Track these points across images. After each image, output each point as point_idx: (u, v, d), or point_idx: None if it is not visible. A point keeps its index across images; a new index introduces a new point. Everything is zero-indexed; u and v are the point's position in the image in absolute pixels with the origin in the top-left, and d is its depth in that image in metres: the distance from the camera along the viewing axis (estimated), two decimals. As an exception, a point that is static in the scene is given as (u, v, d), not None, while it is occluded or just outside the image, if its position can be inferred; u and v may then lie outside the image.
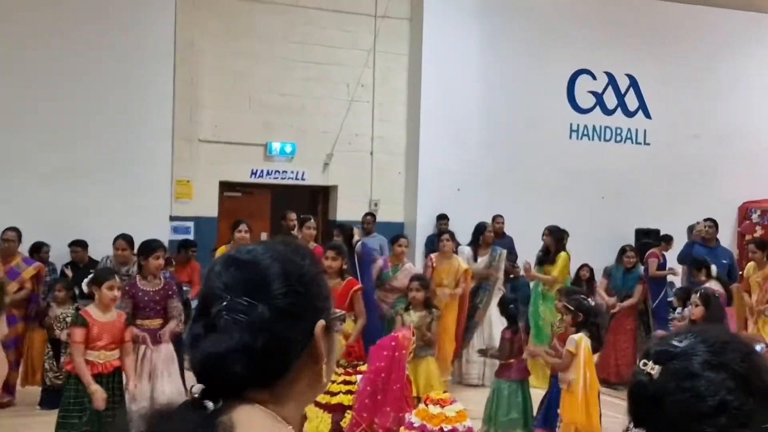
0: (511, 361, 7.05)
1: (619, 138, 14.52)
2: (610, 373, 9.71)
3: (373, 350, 5.65)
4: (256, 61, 12.50)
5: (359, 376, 5.97)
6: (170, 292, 6.73)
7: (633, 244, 12.83)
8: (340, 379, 6.25)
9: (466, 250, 10.32)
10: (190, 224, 12.03)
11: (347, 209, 12.92)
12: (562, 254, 9.93)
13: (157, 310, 6.65)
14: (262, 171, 12.65)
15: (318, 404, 6.14)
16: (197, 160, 12.17)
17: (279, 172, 12.75)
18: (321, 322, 1.49)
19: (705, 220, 11.58)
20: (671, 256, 11.69)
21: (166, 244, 10.21)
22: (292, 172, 12.81)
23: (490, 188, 13.34)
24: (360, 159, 13.18)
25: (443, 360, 9.04)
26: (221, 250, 8.76)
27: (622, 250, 10.53)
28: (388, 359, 5.48)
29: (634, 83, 14.56)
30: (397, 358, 5.47)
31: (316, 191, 13.45)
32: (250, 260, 1.51)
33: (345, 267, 7.02)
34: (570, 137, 14.18)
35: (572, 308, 6.30)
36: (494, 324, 9.48)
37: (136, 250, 7.27)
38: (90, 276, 6.06)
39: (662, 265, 11.25)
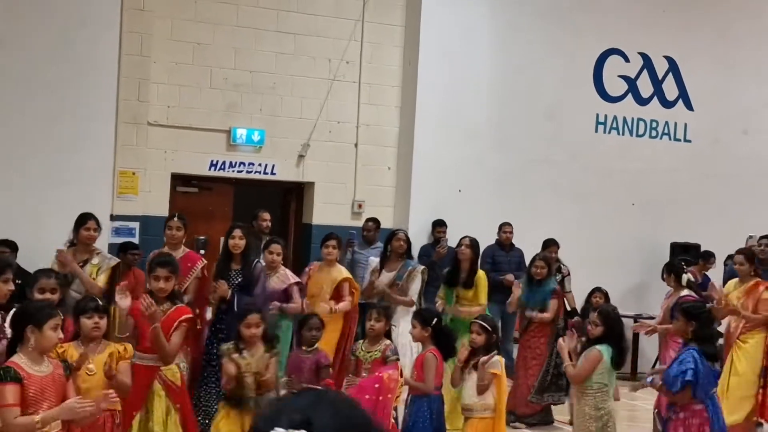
0: None
1: (654, 133, 14.54)
2: (517, 405, 10.07)
3: (354, 393, 5.61)
4: (218, 29, 12.43)
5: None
6: None
7: (669, 260, 12.88)
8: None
9: (373, 263, 10.48)
10: (135, 225, 11.97)
11: (325, 211, 12.92)
12: (481, 274, 10.26)
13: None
14: (223, 163, 12.59)
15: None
16: (145, 148, 12.10)
17: (244, 164, 12.70)
18: None
19: (761, 237, 11.52)
20: (714, 277, 11.71)
21: (105, 247, 10.26)
22: (260, 165, 12.76)
23: (499, 190, 13.36)
24: (342, 151, 13.15)
25: None
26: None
27: (532, 260, 10.69)
28: (371, 404, 5.45)
29: (673, 67, 14.58)
30: (381, 403, 5.44)
31: (288, 189, 13.40)
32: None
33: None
34: (596, 131, 14.21)
35: (489, 328, 7.17)
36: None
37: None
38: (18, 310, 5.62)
39: (701, 286, 11.24)
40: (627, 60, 14.32)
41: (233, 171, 12.69)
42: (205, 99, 12.44)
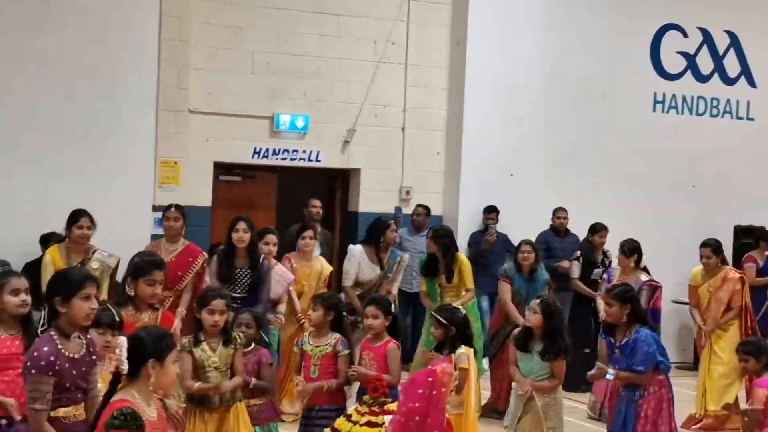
0: None
1: (715, 111, 14.42)
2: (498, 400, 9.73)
3: (406, 387, 5.59)
4: (259, 11, 12.43)
5: (387, 417, 5.93)
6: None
7: (732, 244, 12.73)
8: (364, 420, 6.23)
9: (357, 251, 10.11)
10: (178, 215, 12.01)
11: (372, 199, 12.91)
12: (462, 258, 9.84)
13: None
14: (266, 150, 12.60)
15: (339, 449, 6.13)
16: (186, 137, 12.13)
17: (288, 151, 12.70)
18: None
19: None
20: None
21: (147, 239, 10.30)
22: (305, 151, 12.76)
23: (552, 174, 13.30)
24: (388, 136, 13.12)
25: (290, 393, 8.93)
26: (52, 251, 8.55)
27: (517, 246, 10.24)
28: (424, 399, 5.42)
29: (735, 42, 14.44)
30: (434, 398, 5.41)
31: (333, 176, 13.39)
32: None
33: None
34: (654, 110, 14.11)
35: (444, 321, 6.77)
36: None
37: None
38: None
39: (763, 271, 11.15)
40: (686, 35, 14.20)
41: (277, 158, 12.69)
42: (246, 84, 12.43)
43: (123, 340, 4.24)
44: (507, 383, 9.02)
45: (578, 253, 11.42)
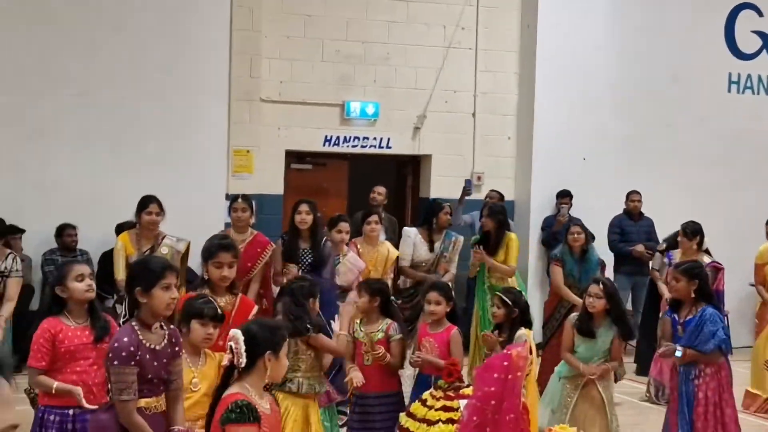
0: None
1: (793, 91, 14.18)
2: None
3: (481, 372, 5.59)
4: (330, 0, 12.51)
5: (463, 402, 5.94)
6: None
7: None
8: (439, 404, 6.22)
9: (412, 233, 10.13)
10: (251, 203, 12.16)
11: (443, 184, 12.90)
12: (512, 236, 9.80)
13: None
14: (337, 138, 12.69)
15: (414, 434, 6.15)
16: (259, 125, 12.27)
17: (359, 138, 12.77)
18: None
19: None
20: None
21: (221, 227, 10.45)
22: (375, 138, 12.83)
23: (625, 157, 13.21)
24: (459, 121, 13.12)
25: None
26: (123, 238, 8.66)
27: (567, 227, 10.00)
28: (500, 383, 5.39)
29: (812, 20, 14.14)
30: (510, 382, 5.39)
31: (404, 162, 13.44)
32: None
33: None
34: (729, 90, 13.96)
35: (509, 302, 6.88)
36: None
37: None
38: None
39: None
40: (760, 14, 14.02)
41: (347, 146, 12.77)
42: (317, 73, 12.53)
43: (238, 333, 4.18)
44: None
45: (664, 245, 11.23)
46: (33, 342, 5.47)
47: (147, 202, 8.64)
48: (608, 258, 12.53)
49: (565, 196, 12.64)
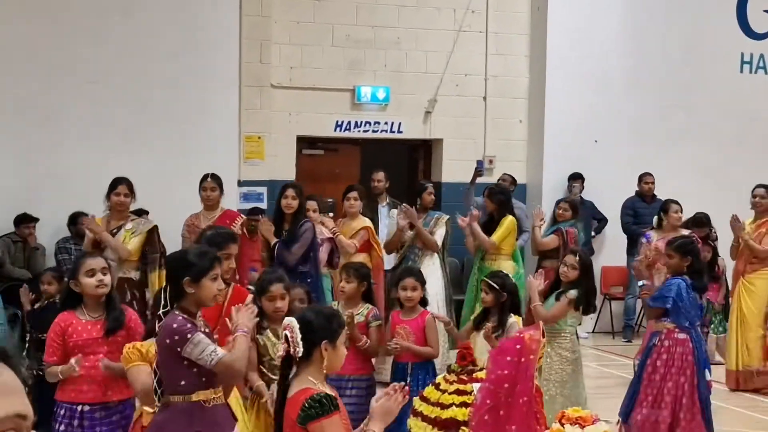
0: None
1: (807, 71, 14.10)
2: None
3: (494, 355, 5.64)
4: (338, -16, 12.54)
5: (476, 385, 5.98)
6: None
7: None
8: (452, 388, 6.25)
9: (394, 213, 10.36)
10: (263, 190, 12.18)
11: (454, 168, 12.92)
12: (508, 217, 9.96)
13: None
14: (348, 123, 12.71)
15: (426, 418, 6.17)
16: (270, 111, 12.31)
17: (370, 123, 12.80)
18: None
19: None
20: None
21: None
22: (386, 123, 12.85)
23: (637, 139, 13.18)
24: (470, 105, 13.12)
25: None
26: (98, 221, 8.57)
27: (556, 202, 10.61)
28: (513, 366, 5.44)
29: (825, -1, 14.06)
30: (523, 365, 5.44)
31: (415, 146, 13.46)
32: None
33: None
34: (741, 70, 13.89)
35: (496, 287, 6.86)
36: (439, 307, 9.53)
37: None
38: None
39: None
40: (773, -7, 13.91)
41: (359, 131, 12.80)
42: (327, 58, 12.54)
43: (293, 321, 3.98)
44: None
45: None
46: (47, 337, 5.56)
47: (116, 183, 8.62)
48: (622, 240, 12.60)
49: (577, 178, 12.65)
